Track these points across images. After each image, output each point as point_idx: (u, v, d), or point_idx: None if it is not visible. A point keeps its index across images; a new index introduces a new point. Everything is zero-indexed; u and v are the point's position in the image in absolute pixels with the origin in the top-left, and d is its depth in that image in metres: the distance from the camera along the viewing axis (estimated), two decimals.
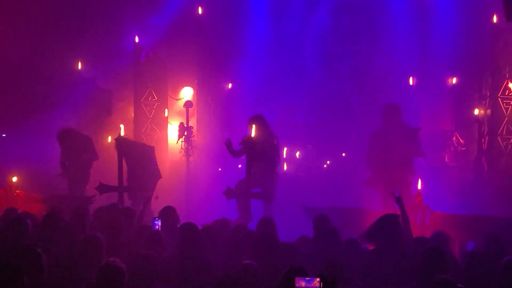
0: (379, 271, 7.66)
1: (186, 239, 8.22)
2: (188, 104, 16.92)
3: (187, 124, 16.75)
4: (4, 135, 16.96)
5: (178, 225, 9.65)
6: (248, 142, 12.04)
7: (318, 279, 5.35)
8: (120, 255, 7.61)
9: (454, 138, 16.16)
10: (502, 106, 15.25)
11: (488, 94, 15.59)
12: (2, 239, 8.38)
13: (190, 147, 16.70)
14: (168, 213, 9.83)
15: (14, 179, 13.59)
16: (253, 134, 12.12)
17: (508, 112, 15.23)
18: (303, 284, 5.37)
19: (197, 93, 18.12)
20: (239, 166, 15.59)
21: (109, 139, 16.31)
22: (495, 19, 15.14)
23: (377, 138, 13.64)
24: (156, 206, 11.63)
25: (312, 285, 5.35)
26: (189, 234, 8.24)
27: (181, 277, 7.78)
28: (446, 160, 16.00)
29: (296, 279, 5.38)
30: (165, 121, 17.80)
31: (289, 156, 17.05)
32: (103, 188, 12.52)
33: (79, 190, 14.15)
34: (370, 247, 8.48)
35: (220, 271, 7.64)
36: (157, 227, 9.01)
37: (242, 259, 7.46)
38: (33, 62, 16.56)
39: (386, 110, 13.86)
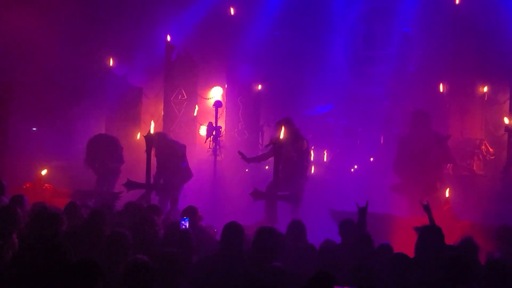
0: (416, 281, 7.57)
1: (231, 239, 8.09)
2: (217, 103, 16.89)
3: (216, 124, 16.74)
4: (34, 128, 17.09)
5: (199, 224, 9.69)
6: (276, 143, 12.02)
7: None
8: (147, 253, 7.62)
9: (483, 147, 16.03)
10: None
11: None
12: (33, 234, 8.40)
13: (218, 147, 16.70)
14: (190, 212, 9.79)
15: (43, 172, 13.67)
16: (281, 136, 12.10)
17: None
18: None
19: (227, 93, 18.15)
20: (266, 167, 15.58)
21: (138, 136, 16.39)
22: None
23: (406, 144, 13.59)
24: (184, 205, 11.62)
25: None
26: (235, 235, 8.13)
27: (222, 278, 7.71)
28: (475, 168, 15.87)
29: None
30: (194, 120, 17.86)
31: (316, 159, 16.99)
32: (130, 185, 12.53)
33: (108, 186, 14.21)
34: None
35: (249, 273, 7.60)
36: (183, 226, 9.01)
37: (270, 261, 7.43)
38: (65, 58, 16.66)
39: (416, 117, 13.81)
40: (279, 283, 6.97)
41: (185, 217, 9.19)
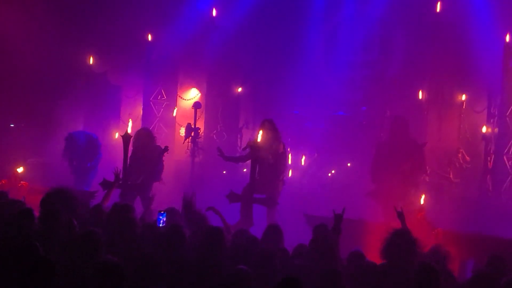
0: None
1: (210, 243, 7.98)
2: (196, 105, 16.86)
3: (195, 125, 16.71)
4: (12, 125, 17.00)
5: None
6: (253, 146, 12.00)
7: None
8: (123, 253, 7.56)
9: (459, 155, 16.11)
10: (510, 126, 15.20)
11: (496, 113, 15.54)
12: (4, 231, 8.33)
13: (196, 148, 16.68)
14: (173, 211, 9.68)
15: (20, 169, 13.59)
16: (259, 139, 12.07)
17: None
18: None
19: (206, 94, 18.14)
20: (244, 170, 15.58)
21: (116, 135, 16.34)
22: (507, 38, 15.09)
23: (383, 150, 13.62)
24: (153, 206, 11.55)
25: None
26: (215, 239, 8.01)
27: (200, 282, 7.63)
28: (451, 176, 15.95)
29: None
30: (173, 121, 17.83)
31: (294, 163, 17.02)
32: (106, 184, 12.46)
33: (86, 185, 14.18)
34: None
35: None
36: (162, 222, 8.90)
37: (242, 264, 7.38)
38: (45, 55, 16.57)
39: (395, 123, 13.85)
40: (244, 287, 6.90)
41: (162, 212, 9.08)
